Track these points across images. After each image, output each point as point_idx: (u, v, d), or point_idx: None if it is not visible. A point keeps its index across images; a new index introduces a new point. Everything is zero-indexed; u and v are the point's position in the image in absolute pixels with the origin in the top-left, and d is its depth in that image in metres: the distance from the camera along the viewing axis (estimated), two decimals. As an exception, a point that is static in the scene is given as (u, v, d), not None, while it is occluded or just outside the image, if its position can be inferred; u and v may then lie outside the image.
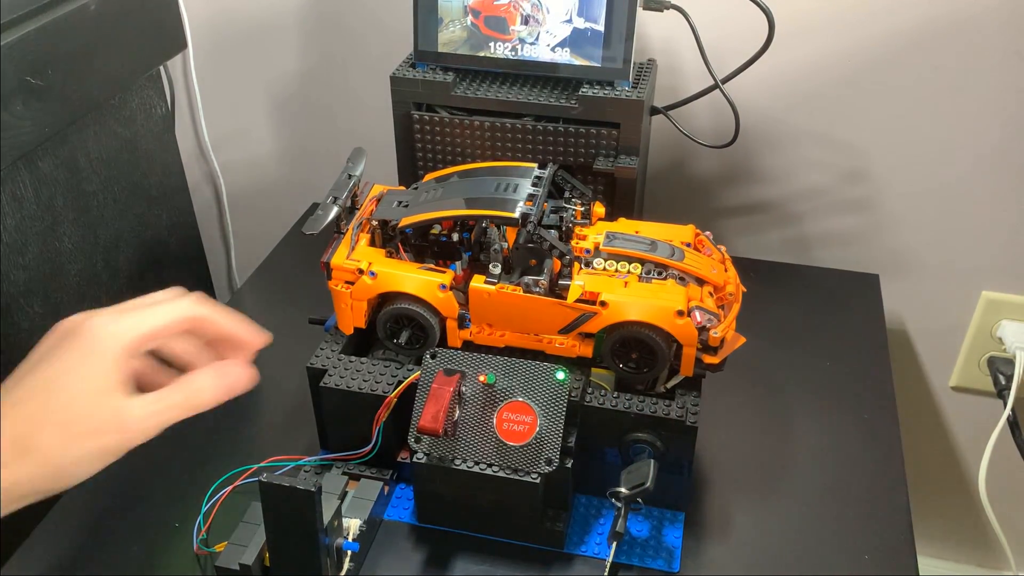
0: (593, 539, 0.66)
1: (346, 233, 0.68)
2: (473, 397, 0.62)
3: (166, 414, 0.50)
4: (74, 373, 0.47)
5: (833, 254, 1.03)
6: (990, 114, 0.91)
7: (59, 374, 0.47)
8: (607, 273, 0.64)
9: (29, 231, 0.78)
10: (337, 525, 0.60)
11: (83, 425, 0.47)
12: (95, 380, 0.47)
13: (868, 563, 0.65)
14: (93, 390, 0.47)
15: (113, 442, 0.48)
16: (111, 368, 0.48)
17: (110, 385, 0.48)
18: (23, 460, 0.45)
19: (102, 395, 0.47)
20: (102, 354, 0.48)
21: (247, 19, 1.07)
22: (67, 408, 0.46)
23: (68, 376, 0.47)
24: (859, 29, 0.90)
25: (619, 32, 0.76)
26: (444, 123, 0.81)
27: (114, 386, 0.48)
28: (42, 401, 0.46)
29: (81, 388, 0.47)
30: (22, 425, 0.46)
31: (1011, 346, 1.00)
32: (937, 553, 1.23)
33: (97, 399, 0.47)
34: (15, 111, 0.71)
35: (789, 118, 0.96)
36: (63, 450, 0.46)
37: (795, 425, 0.77)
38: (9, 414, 0.46)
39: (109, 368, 0.48)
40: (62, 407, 0.46)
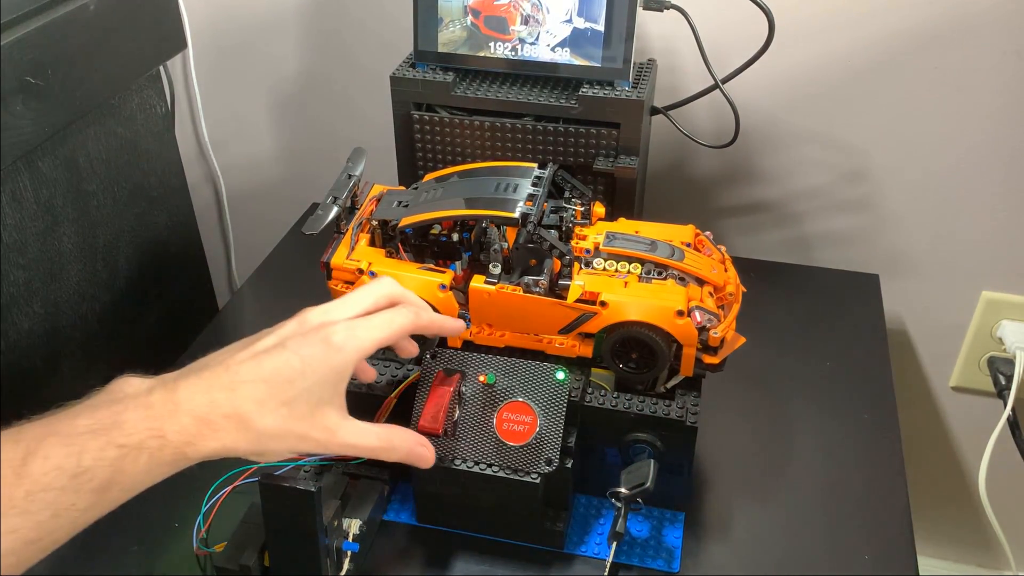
0: (593, 539, 0.66)
1: (346, 233, 0.68)
2: (473, 397, 0.62)
3: (362, 450, 0.54)
4: (307, 374, 0.51)
5: (833, 254, 1.03)
6: (990, 114, 0.91)
7: (293, 370, 0.51)
8: (607, 273, 0.64)
9: (29, 231, 0.78)
10: (337, 525, 0.60)
11: (299, 426, 0.50)
12: (322, 387, 0.51)
13: (868, 563, 0.65)
14: (319, 397, 0.51)
15: (313, 448, 0.52)
16: (339, 376, 0.52)
17: (332, 394, 0.52)
18: (241, 436, 0.49)
19: (324, 404, 0.52)
20: (336, 362, 0.52)
21: (247, 19, 1.07)
22: (292, 404, 0.50)
23: (301, 375, 0.51)
24: (859, 29, 0.90)
25: (619, 32, 0.76)
26: (444, 123, 0.81)
27: (334, 396, 0.52)
28: (275, 390, 0.50)
29: (308, 389, 0.51)
30: (250, 405, 0.49)
31: (1011, 346, 1.00)
32: (937, 553, 1.23)
33: (319, 408, 0.51)
34: (15, 111, 0.71)
35: (789, 118, 0.96)
36: (274, 440, 0.50)
37: (795, 425, 0.77)
38: (240, 389, 0.49)
39: (338, 376, 0.52)
40: (288, 402, 0.50)
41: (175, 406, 0.48)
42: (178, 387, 0.49)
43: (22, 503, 0.43)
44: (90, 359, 0.88)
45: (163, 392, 0.49)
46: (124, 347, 0.93)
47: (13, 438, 0.45)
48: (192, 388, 0.49)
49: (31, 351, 0.80)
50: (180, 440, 0.47)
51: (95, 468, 0.45)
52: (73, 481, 0.44)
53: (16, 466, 0.44)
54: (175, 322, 1.02)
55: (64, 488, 0.44)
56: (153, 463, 0.47)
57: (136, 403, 0.48)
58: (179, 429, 0.47)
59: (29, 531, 0.43)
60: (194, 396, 0.49)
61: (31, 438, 0.45)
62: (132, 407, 0.48)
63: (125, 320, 0.93)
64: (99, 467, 0.45)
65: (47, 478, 0.44)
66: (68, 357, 0.85)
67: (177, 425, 0.47)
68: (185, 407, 0.48)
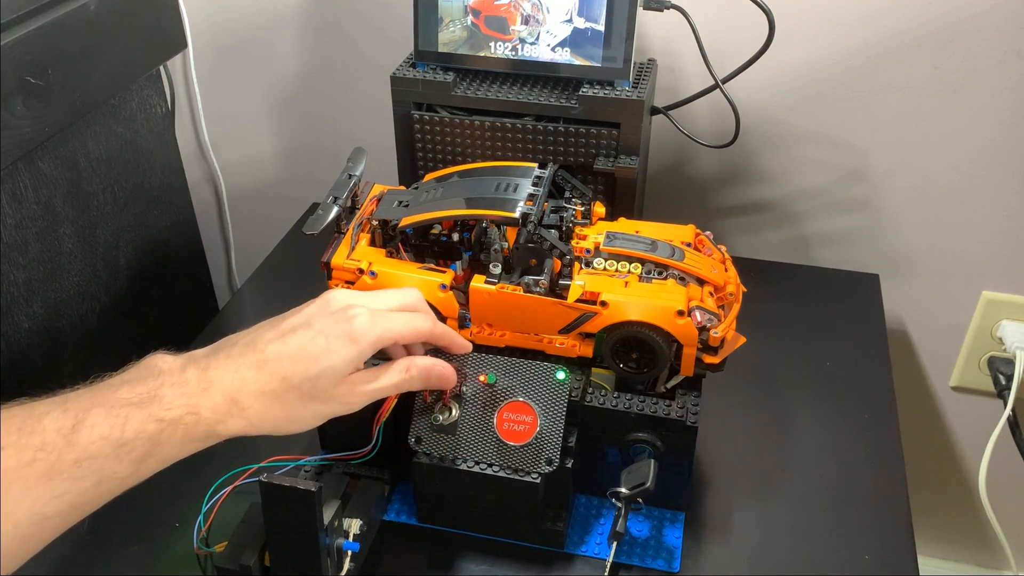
0: (593, 539, 0.66)
1: (346, 233, 0.68)
2: (473, 397, 0.62)
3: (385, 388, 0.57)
4: (330, 354, 0.53)
5: (833, 254, 1.03)
6: (990, 114, 0.91)
7: (317, 350, 0.53)
8: (607, 273, 0.64)
9: (29, 231, 0.78)
10: (337, 525, 0.60)
11: (323, 395, 0.53)
12: (345, 368, 0.54)
13: (868, 563, 0.65)
14: (341, 374, 0.54)
15: (337, 410, 0.55)
16: (360, 359, 0.55)
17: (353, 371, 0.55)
18: (269, 412, 0.52)
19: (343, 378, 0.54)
20: (357, 345, 0.54)
21: (247, 19, 1.07)
22: (315, 380, 0.53)
23: (325, 355, 0.53)
24: (859, 29, 0.90)
25: (619, 32, 0.76)
26: (444, 123, 0.81)
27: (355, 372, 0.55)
28: (299, 366, 0.52)
29: (332, 371, 0.53)
30: (276, 383, 0.52)
31: (1011, 346, 1.00)
32: (937, 553, 1.23)
33: (343, 379, 0.54)
34: (15, 111, 0.71)
35: (789, 118, 0.96)
36: (301, 410, 0.53)
37: (795, 425, 0.77)
38: (266, 367, 0.52)
39: (359, 358, 0.55)
40: (312, 378, 0.53)
41: (208, 384, 0.51)
42: (210, 365, 0.52)
43: (71, 469, 0.46)
44: (90, 359, 0.88)
45: (196, 371, 0.52)
46: (124, 347, 0.93)
47: (61, 406, 0.48)
48: (223, 367, 0.52)
49: (31, 351, 0.80)
50: (213, 418, 0.50)
51: (136, 440, 0.48)
52: (117, 451, 0.47)
53: (67, 433, 0.47)
54: (175, 322, 1.02)
55: (108, 457, 0.47)
56: (187, 438, 0.50)
57: (172, 380, 0.51)
58: (212, 407, 0.50)
59: (76, 495, 0.46)
60: (224, 375, 0.52)
61: (79, 407, 0.48)
62: (168, 383, 0.51)
63: (125, 320, 0.93)
64: (140, 439, 0.48)
65: (94, 447, 0.47)
66: (68, 357, 0.85)
67: (210, 403, 0.50)
68: (217, 385, 0.51)
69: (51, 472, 0.45)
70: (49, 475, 0.45)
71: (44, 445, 0.46)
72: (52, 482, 0.45)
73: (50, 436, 0.46)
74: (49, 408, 0.48)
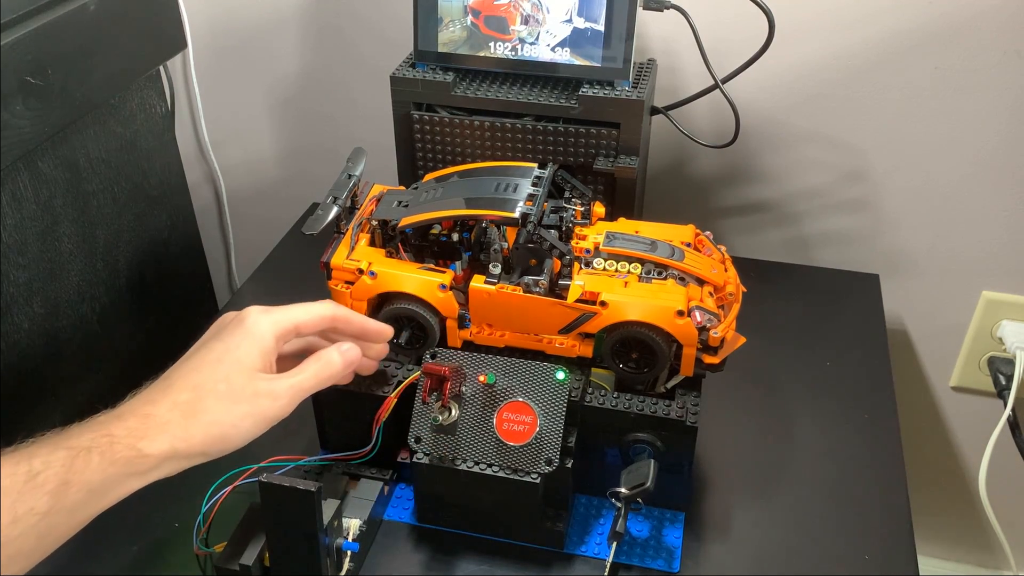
0: (593, 539, 0.66)
1: (346, 233, 0.68)
2: (473, 397, 0.62)
3: (305, 384, 0.57)
4: (233, 351, 0.55)
5: (833, 254, 1.03)
6: (990, 114, 0.91)
7: (221, 353, 0.55)
8: (607, 273, 0.64)
9: (29, 231, 0.78)
10: (337, 525, 0.60)
11: (241, 393, 0.54)
12: (251, 359, 0.55)
13: (868, 563, 0.65)
14: (249, 367, 0.55)
15: (266, 408, 0.55)
16: (264, 350, 0.56)
17: (263, 364, 0.56)
18: (191, 422, 0.52)
19: (255, 371, 0.55)
20: (257, 337, 0.56)
21: (247, 19, 1.07)
22: (227, 379, 0.54)
23: (228, 354, 0.55)
24: (859, 29, 0.90)
25: (619, 32, 0.76)
26: (444, 123, 0.81)
27: (266, 366, 0.56)
28: (207, 374, 0.54)
29: (239, 364, 0.55)
30: (190, 392, 0.53)
31: (1011, 346, 1.00)
32: (937, 553, 1.23)
33: (252, 374, 0.55)
34: (15, 111, 0.71)
35: (789, 118, 0.96)
36: (225, 414, 0.53)
37: (795, 425, 0.77)
38: (176, 383, 0.53)
39: (262, 349, 0.56)
40: (223, 378, 0.54)
41: (117, 414, 0.52)
42: (121, 404, 0.53)
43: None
44: (90, 359, 0.88)
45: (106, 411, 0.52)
46: (124, 347, 0.93)
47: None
48: (134, 400, 0.53)
49: (31, 351, 0.80)
50: (130, 437, 0.50)
51: (46, 471, 0.47)
52: (27, 484, 0.46)
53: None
54: (175, 322, 1.02)
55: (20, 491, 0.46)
56: (106, 461, 0.49)
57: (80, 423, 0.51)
58: (126, 428, 0.50)
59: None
60: (135, 404, 0.53)
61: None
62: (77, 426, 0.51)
63: (125, 320, 0.93)
64: (50, 469, 0.47)
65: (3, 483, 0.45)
66: (68, 357, 0.85)
67: (123, 425, 0.50)
68: (128, 412, 0.52)
69: None
70: None
71: None
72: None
73: None
74: None
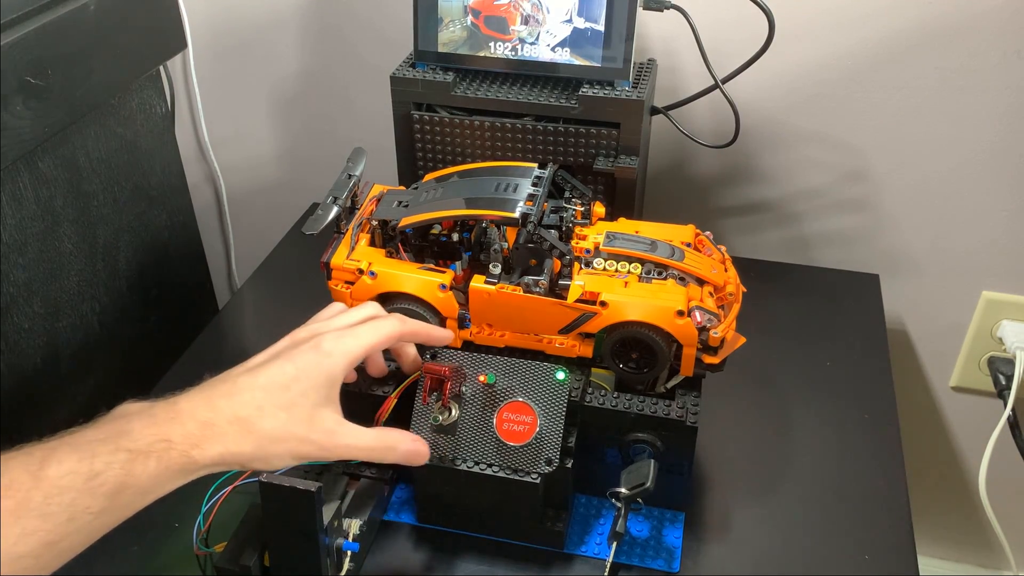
0: (593, 539, 0.66)
1: (346, 233, 0.68)
2: (473, 397, 0.62)
3: (360, 450, 0.56)
4: (303, 381, 0.54)
5: (833, 254, 1.03)
6: (990, 114, 0.91)
7: (291, 379, 0.54)
8: (607, 273, 0.64)
9: (29, 231, 0.78)
10: (337, 525, 0.60)
11: (299, 429, 0.53)
12: (317, 392, 0.54)
13: (868, 563, 0.65)
14: (314, 401, 0.54)
15: (314, 451, 0.54)
16: (332, 381, 0.55)
17: (327, 397, 0.55)
18: (245, 438, 0.51)
19: (321, 407, 0.54)
20: (327, 367, 0.55)
21: (247, 19, 1.07)
22: (289, 409, 0.53)
23: (298, 383, 0.54)
24: (859, 29, 0.90)
25: (619, 32, 0.76)
26: (444, 123, 0.81)
27: (330, 398, 0.55)
28: (273, 397, 0.53)
29: (305, 397, 0.54)
30: (253, 411, 0.52)
31: (1011, 346, 1.00)
32: (937, 553, 1.23)
33: (313, 411, 0.54)
34: (15, 111, 0.71)
35: (789, 118, 0.96)
36: (276, 444, 0.52)
37: (795, 425, 0.77)
38: (239, 396, 0.52)
39: (331, 380, 0.55)
40: (286, 406, 0.53)
41: (178, 413, 0.51)
42: (179, 400, 0.52)
43: (40, 506, 0.45)
44: (90, 359, 0.88)
45: (164, 404, 0.52)
46: (124, 347, 0.93)
47: (27, 451, 0.47)
48: (193, 399, 0.52)
49: (31, 351, 0.80)
50: (186, 444, 0.50)
51: (106, 472, 0.47)
52: (87, 484, 0.46)
53: (34, 470, 0.46)
54: (175, 322, 1.02)
55: (79, 491, 0.46)
56: (162, 466, 0.49)
57: (140, 416, 0.50)
58: (184, 433, 0.50)
59: (48, 533, 0.45)
60: (196, 406, 0.52)
61: (45, 448, 0.47)
62: (137, 419, 0.50)
63: (125, 320, 0.93)
64: (110, 471, 0.47)
65: (63, 481, 0.46)
66: (68, 357, 0.85)
67: (182, 430, 0.50)
68: (188, 414, 0.51)
69: (20, 509, 0.44)
70: (18, 513, 0.44)
71: (12, 483, 0.45)
72: (21, 520, 0.44)
73: (16, 474, 0.45)
74: (15, 454, 0.47)
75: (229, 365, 0.57)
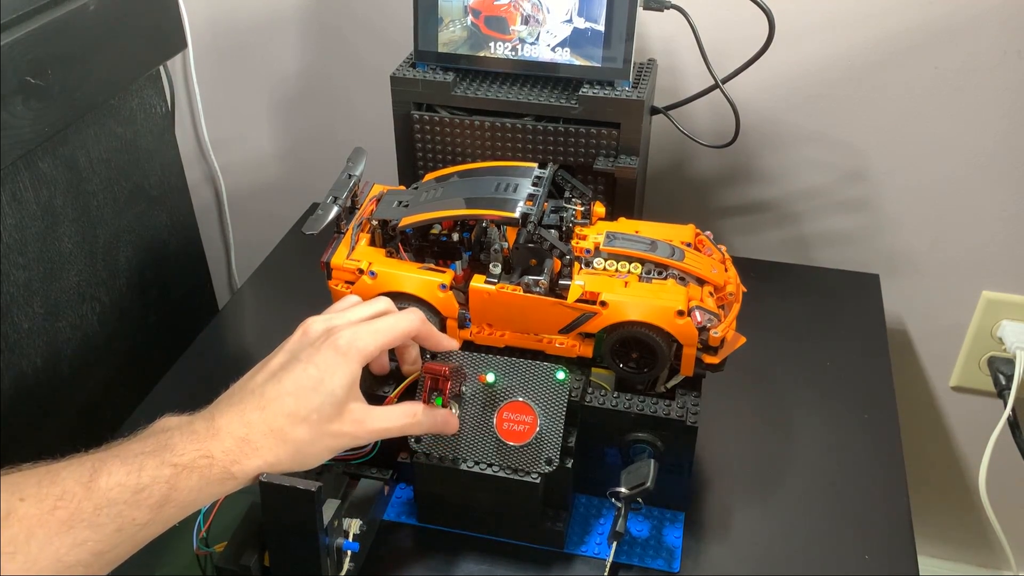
0: (593, 539, 0.66)
1: (346, 233, 0.68)
2: (473, 397, 0.62)
3: (392, 431, 0.58)
4: (328, 382, 0.55)
5: (833, 254, 1.03)
6: (990, 114, 0.91)
7: (316, 382, 0.55)
8: (607, 273, 0.64)
9: (29, 231, 0.78)
10: (337, 525, 0.60)
11: (328, 427, 0.55)
12: (343, 390, 0.55)
13: (868, 563, 0.65)
14: (342, 399, 0.55)
15: (348, 441, 0.56)
16: (354, 376, 0.56)
17: (351, 393, 0.56)
18: (281, 449, 0.53)
19: (347, 401, 0.56)
20: (347, 364, 0.56)
21: (247, 19, 1.07)
22: (320, 410, 0.54)
23: (323, 385, 0.55)
24: (859, 29, 0.90)
25: (619, 32, 0.76)
26: (444, 123, 0.81)
27: (354, 394, 0.56)
28: (303, 402, 0.54)
29: (332, 396, 0.55)
30: (283, 419, 0.54)
31: (1011, 346, 1.00)
32: (937, 553, 1.23)
33: (343, 407, 0.55)
34: (15, 111, 0.71)
35: (789, 118, 0.96)
36: (312, 445, 0.54)
37: (795, 425, 0.77)
38: (270, 407, 0.54)
39: (353, 376, 0.56)
40: (316, 408, 0.54)
41: (216, 430, 0.52)
42: (215, 416, 0.54)
43: (91, 516, 0.47)
44: (90, 359, 0.88)
45: (203, 421, 0.53)
46: (124, 347, 0.93)
47: (77, 461, 0.49)
48: (228, 415, 0.54)
49: (31, 351, 0.80)
50: (226, 459, 0.52)
51: (153, 485, 0.49)
52: (135, 496, 0.48)
53: (85, 482, 0.47)
54: (175, 322, 1.02)
55: (127, 503, 0.48)
56: (203, 481, 0.51)
57: (181, 431, 0.52)
58: (224, 450, 0.52)
59: (97, 543, 0.47)
60: (231, 422, 0.53)
61: (94, 459, 0.49)
62: (179, 434, 0.52)
63: (125, 320, 0.93)
64: (156, 484, 0.49)
65: (112, 493, 0.48)
66: (68, 357, 0.85)
67: (221, 446, 0.52)
68: (225, 431, 0.53)
69: (72, 520, 0.46)
70: (70, 523, 0.46)
71: (64, 494, 0.46)
72: (73, 530, 0.46)
73: (69, 485, 0.47)
74: (65, 464, 0.49)
75: (229, 365, 0.57)
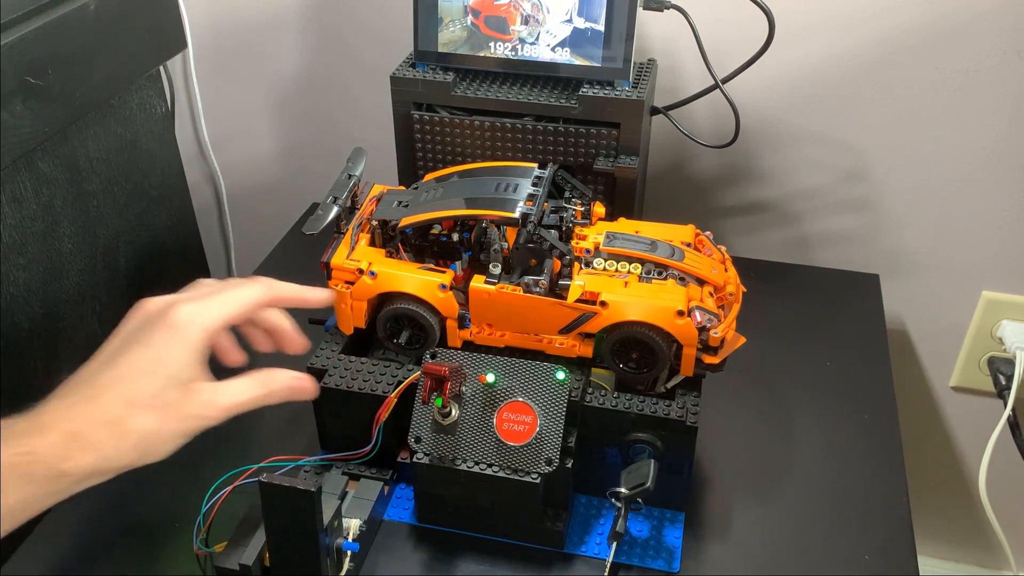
0: (593, 539, 0.66)
1: (346, 233, 0.68)
2: (473, 397, 0.62)
3: (244, 405, 0.53)
4: (166, 363, 0.50)
5: (833, 254, 1.03)
6: (990, 114, 0.91)
7: (153, 364, 0.50)
8: (607, 273, 0.64)
9: (29, 231, 0.78)
10: (337, 525, 0.60)
11: (174, 411, 0.50)
12: (186, 371, 0.50)
13: (868, 563, 0.65)
14: (185, 380, 0.50)
15: (197, 425, 0.51)
16: (197, 354, 0.51)
17: (196, 372, 0.51)
18: (120, 442, 0.48)
19: (189, 381, 0.51)
20: (188, 340, 0.51)
21: (247, 19, 1.07)
22: (160, 395, 0.49)
23: (161, 366, 0.50)
24: (859, 29, 0.90)
25: (619, 32, 0.76)
26: (444, 123, 0.81)
27: (199, 372, 0.51)
28: (141, 387, 0.49)
29: (174, 379, 0.50)
30: (121, 409, 0.48)
31: (1011, 346, 1.00)
32: (937, 553, 1.23)
33: (186, 388, 0.50)
34: (15, 111, 0.71)
35: (789, 118, 0.96)
36: (155, 433, 0.49)
37: (795, 425, 0.77)
38: (104, 396, 0.49)
39: (196, 354, 0.51)
40: (155, 393, 0.49)
41: (40, 426, 0.47)
42: (41, 411, 0.48)
43: None
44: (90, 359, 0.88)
45: (24, 419, 0.48)
46: (124, 347, 0.93)
47: None
48: (55, 408, 0.48)
49: (31, 351, 0.80)
50: (53, 456, 0.46)
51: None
52: None
53: None
54: (175, 322, 1.02)
55: None
56: (27, 480, 0.46)
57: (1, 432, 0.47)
58: (49, 444, 0.46)
59: None
60: (58, 415, 0.48)
61: None
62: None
63: (125, 320, 0.93)
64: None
65: None
66: (68, 357, 0.85)
67: (45, 442, 0.46)
68: (51, 426, 0.47)
69: None
70: None
71: None
72: None
73: None
74: None
75: (229, 365, 0.56)
